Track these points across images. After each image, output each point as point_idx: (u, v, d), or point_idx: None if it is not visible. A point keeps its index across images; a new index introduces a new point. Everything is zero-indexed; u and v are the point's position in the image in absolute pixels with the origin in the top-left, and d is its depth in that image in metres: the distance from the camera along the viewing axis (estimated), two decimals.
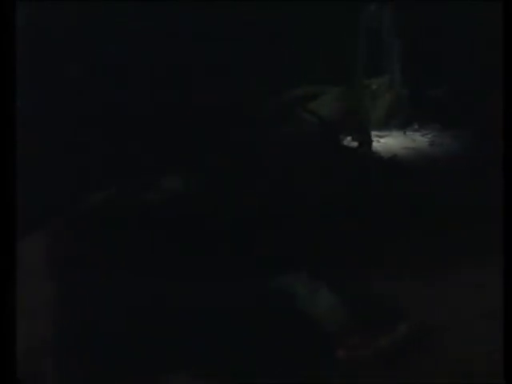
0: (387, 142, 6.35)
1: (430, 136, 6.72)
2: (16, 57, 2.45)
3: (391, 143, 6.37)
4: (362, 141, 4.76)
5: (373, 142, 5.15)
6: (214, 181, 3.70)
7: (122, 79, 4.06)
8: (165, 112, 4.04)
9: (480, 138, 6.08)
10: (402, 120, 6.96)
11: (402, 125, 6.94)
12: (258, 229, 3.47)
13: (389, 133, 6.66)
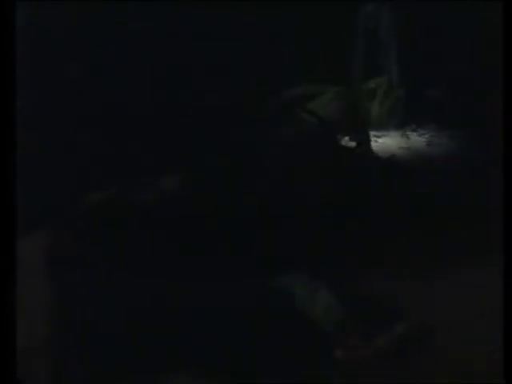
0: (385, 142, 6.34)
1: (427, 136, 6.72)
2: (16, 57, 2.45)
3: (389, 143, 6.37)
4: (361, 141, 4.75)
5: (371, 142, 5.13)
6: (214, 181, 3.70)
7: (122, 79, 4.06)
8: (164, 112, 4.04)
9: (478, 137, 6.08)
10: (399, 120, 6.96)
11: (400, 125, 6.95)
12: (257, 229, 3.47)
13: (386, 133, 6.66)
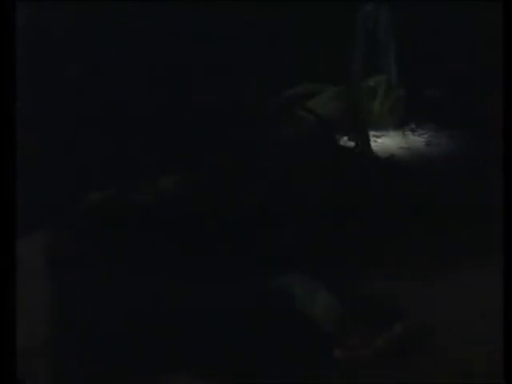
0: (384, 142, 6.35)
1: (426, 136, 6.73)
2: (16, 57, 2.45)
3: (388, 143, 6.38)
4: (360, 140, 4.73)
5: (370, 142, 5.11)
6: (214, 181, 3.70)
7: (122, 79, 4.06)
8: (164, 112, 4.04)
9: (477, 137, 6.09)
10: (399, 120, 6.97)
11: (399, 125, 6.95)
12: (257, 229, 3.47)
13: (386, 133, 6.67)
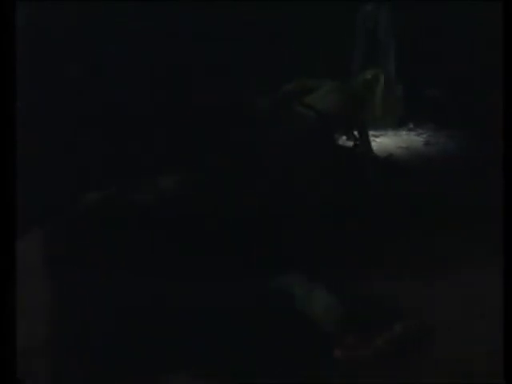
0: (382, 142, 6.36)
1: (425, 136, 6.74)
2: (16, 57, 2.45)
3: (387, 142, 6.39)
4: (360, 139, 4.71)
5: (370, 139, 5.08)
6: (214, 181, 3.70)
7: (122, 79, 4.06)
8: (164, 112, 4.04)
9: (476, 137, 6.09)
10: (397, 119, 6.97)
11: (398, 124, 6.96)
12: (257, 229, 3.47)
13: (384, 132, 6.67)
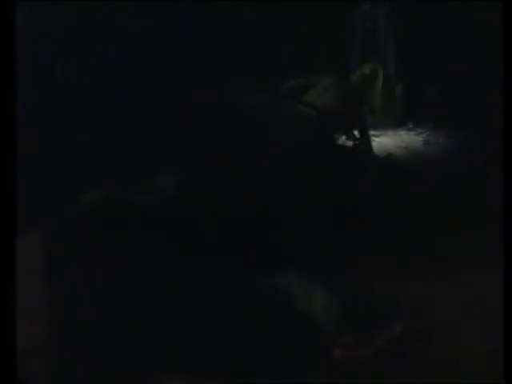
0: (382, 141, 6.38)
1: (424, 135, 6.76)
2: (16, 57, 2.45)
3: (386, 142, 6.40)
4: (360, 139, 4.69)
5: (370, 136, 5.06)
6: (214, 181, 3.70)
7: (122, 79, 4.06)
8: (164, 112, 4.04)
9: (475, 137, 6.10)
10: (397, 119, 6.99)
11: (397, 124, 6.98)
12: (257, 229, 3.47)
13: (384, 132, 6.69)
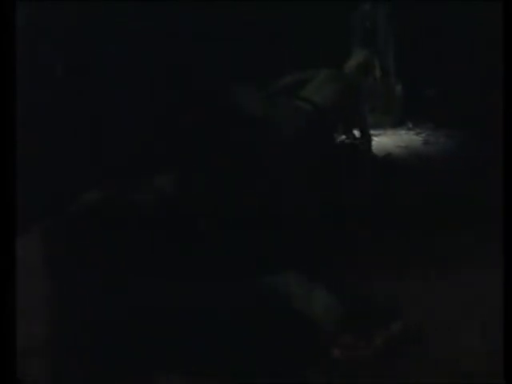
0: (381, 141, 6.38)
1: (424, 135, 6.77)
2: (16, 57, 2.45)
3: (386, 141, 6.41)
4: (360, 138, 4.69)
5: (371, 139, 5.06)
6: (214, 181, 3.70)
7: (122, 79, 4.06)
8: (164, 112, 4.04)
9: (474, 137, 6.11)
10: (397, 118, 7.00)
11: (397, 123, 6.99)
12: (257, 229, 3.47)
13: (383, 131, 6.70)
